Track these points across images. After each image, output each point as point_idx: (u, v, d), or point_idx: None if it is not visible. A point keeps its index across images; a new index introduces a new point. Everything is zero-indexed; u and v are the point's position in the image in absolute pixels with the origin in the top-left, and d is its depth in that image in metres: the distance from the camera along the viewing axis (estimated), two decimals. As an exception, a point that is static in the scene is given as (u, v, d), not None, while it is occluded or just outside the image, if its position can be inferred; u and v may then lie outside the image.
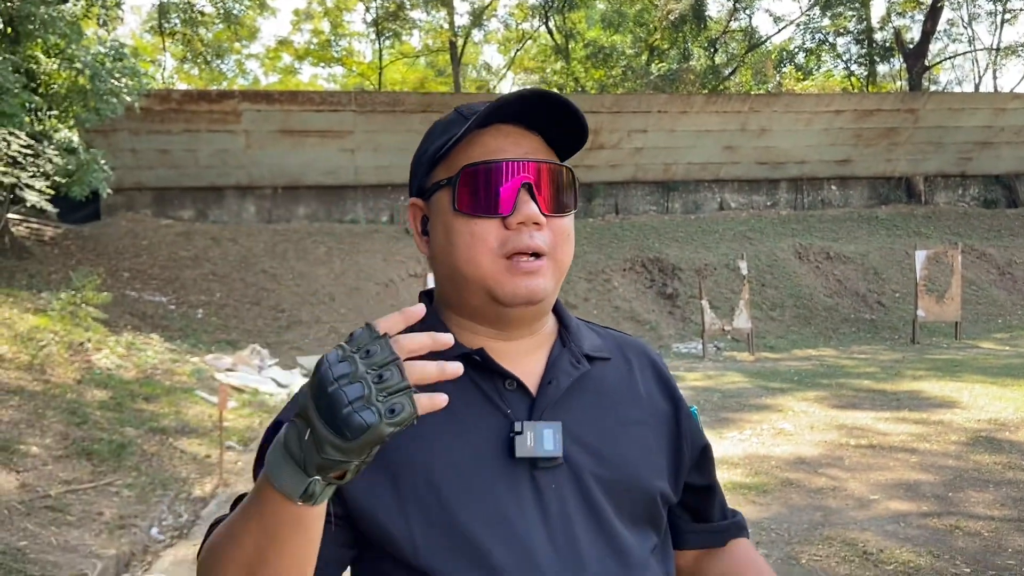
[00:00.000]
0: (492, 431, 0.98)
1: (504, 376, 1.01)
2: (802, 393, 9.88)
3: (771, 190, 22.74)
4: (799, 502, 5.51)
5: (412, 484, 0.94)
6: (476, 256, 0.98)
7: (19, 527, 4.73)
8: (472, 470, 0.96)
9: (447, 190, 1.00)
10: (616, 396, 1.08)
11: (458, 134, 0.99)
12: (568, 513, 0.97)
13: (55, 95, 11.54)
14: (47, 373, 8.08)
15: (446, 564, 0.92)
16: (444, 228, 1.01)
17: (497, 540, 0.93)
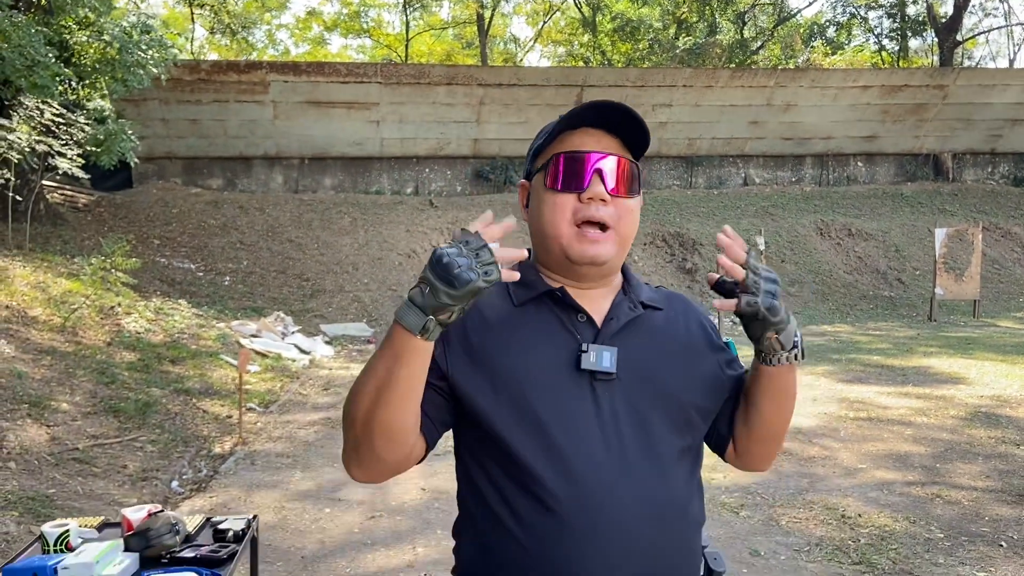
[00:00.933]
0: (565, 349, 1.30)
1: (577, 310, 1.34)
2: (811, 367, 10.01)
3: (796, 166, 22.60)
4: (788, 469, 5.70)
5: (503, 378, 1.27)
6: (557, 221, 1.32)
7: (48, 476, 5.08)
8: (547, 374, 1.27)
9: (542, 172, 1.36)
10: (662, 334, 1.39)
11: (552, 131, 1.37)
12: (617, 416, 1.27)
13: (86, 66, 11.86)
14: (79, 335, 8.46)
15: (516, 436, 1.25)
16: (537, 200, 1.37)
17: (558, 426, 1.24)
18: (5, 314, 8.19)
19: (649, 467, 1.27)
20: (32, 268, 10.00)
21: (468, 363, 1.29)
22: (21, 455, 5.25)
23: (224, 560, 2.11)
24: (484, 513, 1.28)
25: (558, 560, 1.21)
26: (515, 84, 19.38)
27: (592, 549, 1.21)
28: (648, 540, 1.25)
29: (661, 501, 1.27)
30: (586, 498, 1.22)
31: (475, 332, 1.30)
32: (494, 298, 1.34)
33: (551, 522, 1.21)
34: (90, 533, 2.00)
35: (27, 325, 8.12)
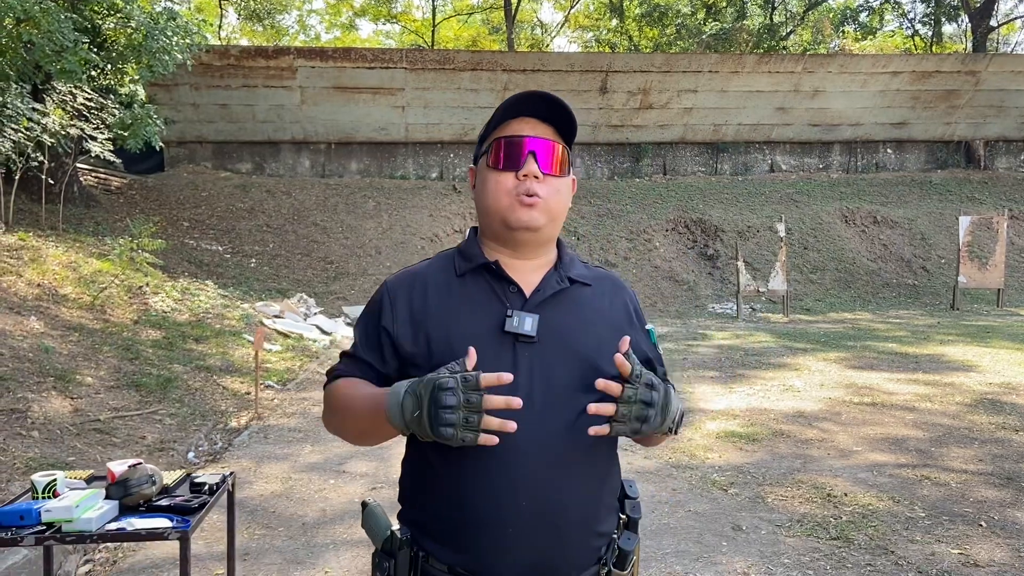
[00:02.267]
0: (493, 315, 1.47)
1: (508, 282, 1.50)
2: (824, 354, 10.05)
3: (823, 152, 22.40)
4: (784, 451, 5.81)
5: (437, 339, 1.45)
6: (500, 196, 1.49)
7: (69, 445, 5.35)
8: (476, 336, 1.42)
9: (486, 155, 1.53)
10: (586, 307, 1.55)
11: (494, 120, 1.54)
12: (532, 374, 1.42)
13: (115, 52, 12.17)
14: (107, 313, 8.77)
15: None
16: (482, 179, 1.54)
17: None
18: (37, 292, 8.53)
19: (555, 420, 1.42)
20: (64, 248, 10.35)
21: (409, 324, 1.48)
22: (45, 425, 5.53)
23: (195, 509, 2.31)
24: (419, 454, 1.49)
25: (472, 495, 1.40)
26: (539, 70, 19.44)
27: (501, 489, 1.39)
28: (547, 485, 1.41)
29: (568, 454, 1.43)
30: (507, 444, 1.35)
31: (419, 297, 1.50)
32: (437, 271, 1.54)
33: (470, 463, 1.39)
34: (78, 484, 2.21)
35: (57, 303, 8.45)
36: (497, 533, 1.40)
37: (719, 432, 6.32)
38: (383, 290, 1.57)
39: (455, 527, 1.43)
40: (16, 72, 10.31)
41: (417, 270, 1.58)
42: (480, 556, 1.41)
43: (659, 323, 14.10)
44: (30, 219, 11.62)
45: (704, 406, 7.31)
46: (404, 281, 1.56)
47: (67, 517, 2.00)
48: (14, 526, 2.08)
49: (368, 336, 1.55)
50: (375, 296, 1.59)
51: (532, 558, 1.42)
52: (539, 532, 1.42)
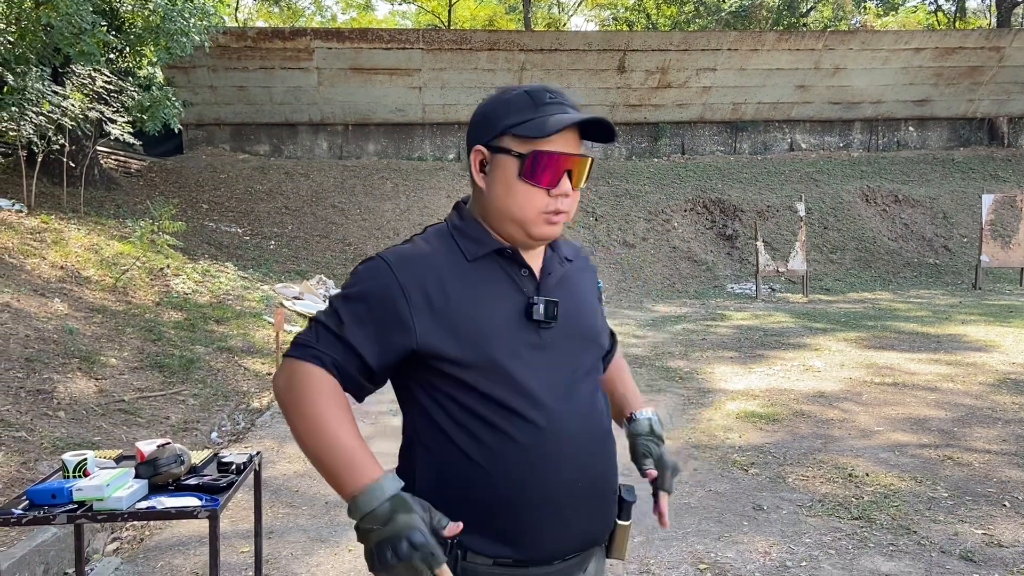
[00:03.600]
0: (513, 300, 1.47)
1: (522, 266, 1.50)
2: (844, 334, 9.99)
3: (844, 131, 22.13)
4: (804, 431, 5.79)
5: (467, 329, 1.41)
6: (528, 210, 1.45)
7: (95, 425, 5.43)
8: (503, 324, 1.44)
9: (516, 160, 1.44)
10: (579, 285, 1.61)
11: (538, 135, 1.41)
12: (559, 357, 1.47)
13: (133, 34, 12.20)
14: (129, 295, 8.86)
15: (484, 380, 1.41)
16: (506, 184, 1.46)
17: (518, 368, 1.42)
18: (60, 274, 8.62)
19: (586, 398, 1.50)
20: (86, 231, 10.45)
21: (433, 320, 1.40)
22: (71, 405, 5.61)
23: (223, 488, 2.34)
24: (445, 448, 1.43)
25: (521, 484, 1.40)
26: (557, 49, 19.30)
27: (552, 471, 1.42)
28: (590, 458, 1.49)
29: (596, 426, 1.51)
30: (546, 428, 1.41)
31: (435, 288, 1.42)
32: (446, 256, 1.47)
33: (516, 451, 1.40)
34: (107, 463, 2.24)
35: (80, 285, 8.55)
36: (553, 517, 1.43)
37: (739, 412, 6.31)
38: (390, 274, 1.43)
39: (504, 519, 1.41)
40: (36, 55, 10.36)
41: (420, 253, 1.47)
42: (534, 542, 1.43)
43: (678, 303, 14.07)
44: (52, 202, 11.72)
45: (723, 386, 7.30)
46: (414, 267, 1.44)
47: (98, 496, 2.04)
48: (46, 504, 2.12)
49: (367, 323, 1.41)
50: (376, 277, 1.44)
51: (581, 534, 1.49)
52: (588, 507, 1.49)
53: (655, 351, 9.22)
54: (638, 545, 3.85)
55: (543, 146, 1.42)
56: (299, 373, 1.39)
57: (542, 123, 1.42)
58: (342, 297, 1.45)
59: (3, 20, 10.09)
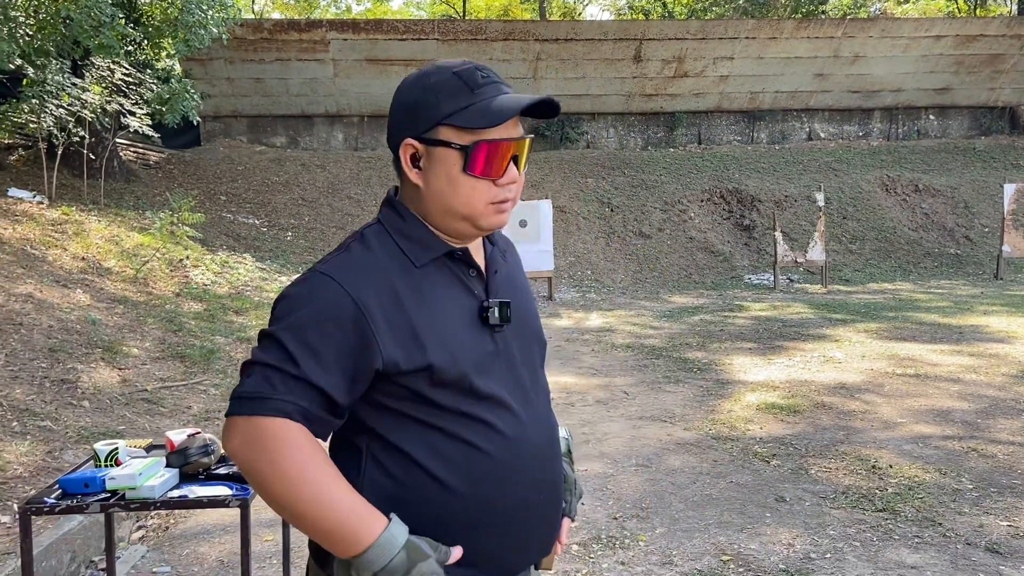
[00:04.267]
0: (468, 305, 1.35)
1: (471, 266, 1.39)
2: (864, 324, 9.92)
3: (863, 120, 21.93)
4: (826, 422, 5.76)
5: (426, 341, 1.27)
6: (475, 204, 1.32)
7: (119, 414, 5.48)
8: (460, 331, 1.32)
9: (458, 153, 1.29)
10: (516, 277, 1.52)
11: (484, 124, 1.28)
12: (514, 360, 1.39)
13: (152, 26, 12.26)
14: (149, 286, 8.93)
15: (446, 393, 1.28)
16: (448, 179, 1.31)
17: (480, 377, 1.31)
18: (82, 265, 8.69)
19: (541, 401, 1.44)
20: (106, 222, 10.53)
21: (392, 335, 1.25)
22: (95, 395, 5.66)
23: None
24: (402, 469, 1.29)
25: (495, 498, 1.31)
26: (572, 39, 19.21)
27: (523, 481, 1.35)
28: (549, 464, 1.42)
29: (551, 431, 1.45)
30: (513, 437, 1.33)
31: (389, 301, 1.28)
32: (392, 263, 1.32)
33: (488, 464, 1.30)
34: (138, 452, 2.27)
35: (102, 276, 8.62)
36: (516, 531, 1.36)
37: (759, 404, 6.29)
38: (338, 290, 1.25)
39: (468, 538, 1.29)
40: (56, 48, 10.43)
41: (365, 262, 1.31)
42: (496, 560, 1.34)
43: (695, 294, 14.02)
44: (72, 194, 11.81)
45: (743, 377, 7.27)
46: (362, 278, 1.27)
47: (131, 485, 2.06)
48: (79, 493, 2.14)
49: (325, 353, 1.22)
50: (323, 297, 1.24)
51: (538, 547, 1.42)
52: (546, 518, 1.42)
53: (672, 342, 9.20)
54: (660, 536, 3.85)
55: (487, 135, 1.29)
56: (265, 433, 1.18)
57: (484, 110, 1.29)
58: (284, 329, 1.23)
59: (23, 13, 10.15)
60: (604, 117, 21.06)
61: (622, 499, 4.36)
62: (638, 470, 4.85)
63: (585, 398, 6.74)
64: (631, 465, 4.94)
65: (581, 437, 5.55)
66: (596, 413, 6.24)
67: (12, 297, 6.94)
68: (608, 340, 9.54)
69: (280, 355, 1.21)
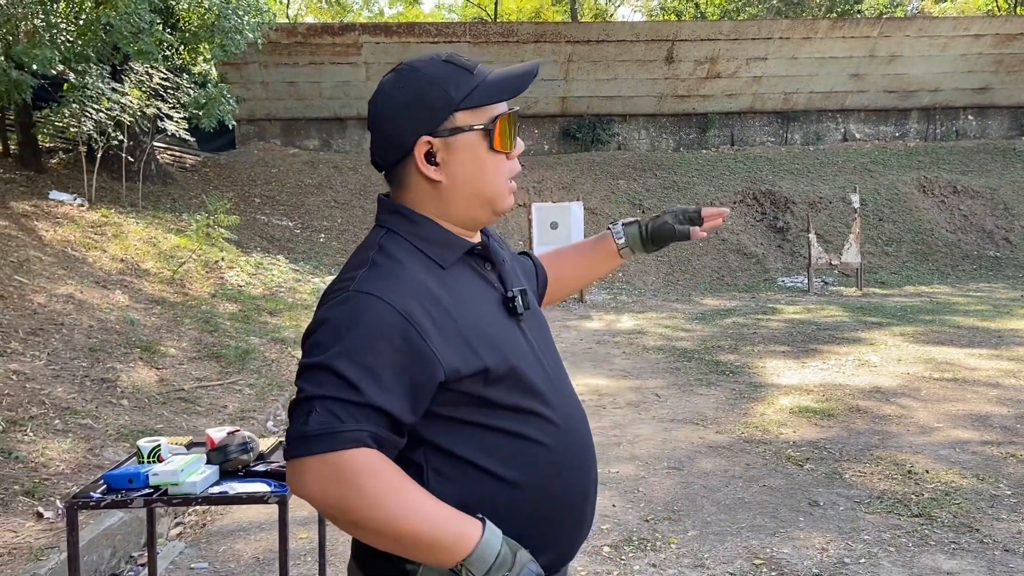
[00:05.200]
0: (494, 298, 1.35)
1: (487, 260, 1.39)
2: (900, 328, 9.78)
3: (900, 120, 21.61)
4: (861, 427, 5.69)
5: (475, 341, 1.25)
6: (499, 183, 1.33)
7: (156, 413, 5.58)
8: (497, 325, 1.31)
9: (482, 134, 1.30)
10: (511, 261, 1.52)
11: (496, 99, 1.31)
12: (536, 347, 1.38)
13: (189, 32, 12.48)
14: (186, 287, 9.08)
15: (501, 389, 1.27)
16: (476, 162, 1.30)
17: (527, 369, 1.31)
18: (120, 267, 8.87)
19: (569, 384, 1.43)
20: (144, 224, 10.73)
21: (445, 342, 1.22)
22: (133, 394, 5.78)
23: (292, 474, 2.40)
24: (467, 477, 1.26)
25: (561, 488, 1.32)
26: (604, 40, 19.18)
27: (580, 467, 1.37)
28: (591, 445, 1.43)
29: (582, 409, 1.45)
30: (565, 426, 1.34)
31: (433, 308, 1.24)
32: (422, 267, 1.29)
33: (547, 456, 1.30)
34: (179, 449, 2.32)
35: (140, 277, 8.78)
36: (579, 518, 1.38)
37: (792, 407, 6.23)
38: (385, 307, 1.19)
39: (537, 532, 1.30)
40: (96, 53, 10.65)
41: (399, 273, 1.25)
42: (559, 550, 1.35)
43: (727, 296, 13.91)
44: (111, 196, 12.04)
45: (776, 381, 7.21)
46: (404, 290, 1.22)
47: (173, 481, 2.11)
48: (123, 489, 2.20)
49: (385, 375, 1.17)
50: (370, 316, 1.18)
51: (587, 532, 1.43)
52: (594, 502, 1.43)
53: (704, 345, 9.14)
54: (691, 539, 3.84)
55: (498, 110, 1.32)
56: (345, 467, 1.13)
57: (495, 85, 1.31)
58: (335, 356, 1.16)
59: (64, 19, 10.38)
60: (636, 119, 20.99)
61: (653, 501, 4.35)
62: (670, 473, 4.83)
63: (616, 400, 6.73)
64: (663, 468, 4.93)
65: (612, 439, 5.55)
66: (627, 415, 6.23)
67: (54, 298, 7.11)
68: (639, 342, 9.51)
69: (338, 384, 1.14)
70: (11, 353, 5.75)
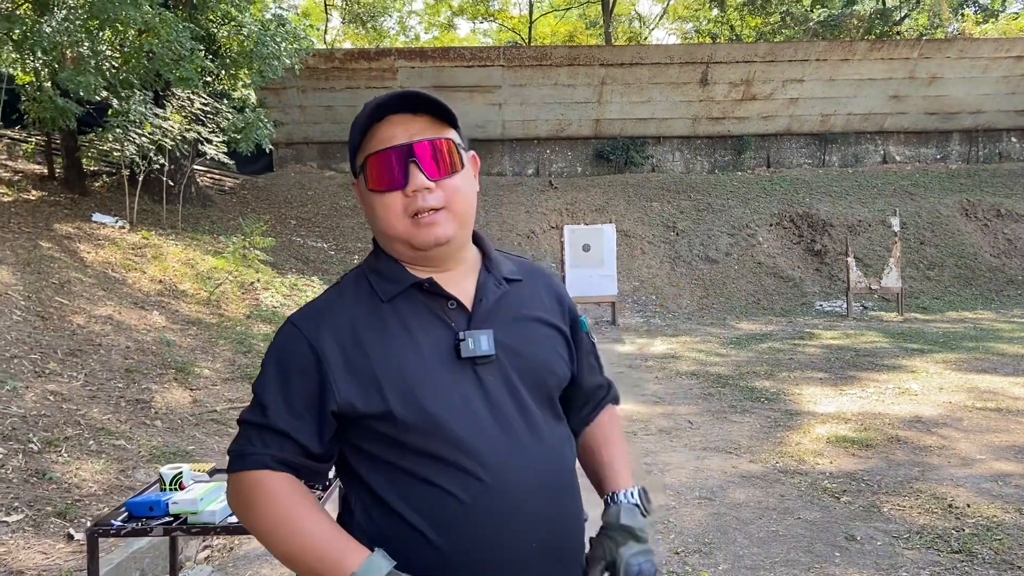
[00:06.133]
0: (441, 339, 1.28)
1: (447, 298, 1.32)
2: (942, 355, 9.55)
3: (941, 142, 21.26)
4: (900, 458, 5.54)
5: (391, 382, 1.24)
6: (391, 221, 1.30)
7: (188, 434, 5.63)
8: (431, 369, 1.26)
9: (362, 176, 1.33)
10: (527, 307, 1.41)
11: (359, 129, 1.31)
12: (501, 396, 1.29)
13: (228, 59, 12.74)
14: (222, 308, 9.19)
15: (414, 437, 1.24)
16: (367, 203, 1.33)
17: (453, 419, 1.24)
18: (159, 288, 9.02)
19: (536, 442, 1.30)
20: (183, 246, 10.91)
21: (350, 375, 1.25)
22: (167, 415, 5.84)
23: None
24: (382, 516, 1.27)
25: (468, 547, 1.23)
26: (637, 63, 19.19)
27: (501, 530, 1.25)
28: (546, 512, 1.30)
29: (554, 476, 1.32)
30: (491, 483, 1.24)
31: (348, 339, 1.27)
32: (360, 300, 1.32)
33: (460, 511, 1.23)
34: (201, 476, 2.31)
35: (177, 298, 8.92)
36: None
37: (829, 436, 6.09)
38: (298, 336, 1.27)
39: None
40: (139, 80, 10.91)
41: (330, 304, 1.32)
42: None
43: (763, 321, 13.71)
44: (152, 218, 12.27)
45: (812, 408, 7.06)
46: (323, 321, 1.29)
47: (192, 509, 2.11)
48: (144, 516, 2.21)
49: (289, 401, 1.25)
50: (284, 343, 1.29)
51: None
52: (545, 569, 1.31)
53: (739, 370, 9.01)
54: (723, 573, 3.75)
55: (372, 148, 1.29)
56: (245, 486, 1.24)
57: (362, 122, 1.31)
58: (258, 382, 1.29)
59: (110, 47, 10.66)
60: (669, 140, 20.92)
61: (684, 533, 4.27)
62: (701, 503, 4.74)
63: (648, 427, 6.64)
64: (694, 498, 4.84)
65: (643, 468, 5.46)
66: (659, 443, 6.14)
67: (93, 319, 7.23)
68: (672, 367, 9.40)
69: (254, 409, 1.27)
70: (49, 374, 5.86)
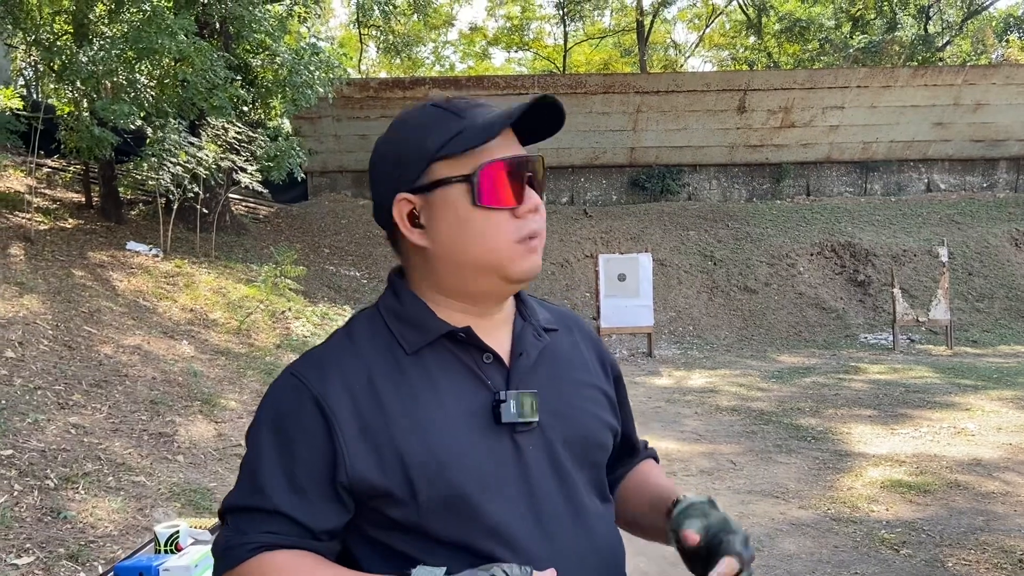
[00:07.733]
0: (476, 400, 1.08)
1: (483, 350, 1.11)
2: (998, 392, 9.08)
3: (988, 170, 20.69)
4: (962, 505, 5.17)
5: (412, 454, 1.03)
6: (498, 242, 1.08)
7: (211, 470, 5.45)
8: (462, 436, 1.05)
9: (462, 186, 1.07)
10: (568, 363, 1.21)
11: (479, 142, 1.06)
12: (543, 471, 1.09)
13: (263, 88, 12.79)
14: (251, 337, 9.08)
15: (439, 522, 1.03)
16: (459, 221, 1.08)
17: (487, 500, 1.04)
18: (189, 316, 8.93)
19: (581, 531, 1.11)
20: (215, 274, 10.86)
21: (368, 447, 1.04)
22: (189, 449, 5.67)
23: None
24: None
25: None
26: (673, 91, 18.99)
27: None
28: None
29: (598, 557, 1.13)
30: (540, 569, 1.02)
31: (366, 399, 1.06)
32: (377, 352, 1.10)
33: None
34: (202, 534, 2.10)
35: (207, 327, 8.82)
36: None
37: (883, 480, 5.73)
38: (303, 391, 1.06)
39: None
40: (175, 109, 10.96)
41: (339, 354, 1.10)
42: None
43: (805, 353, 13.28)
44: (186, 247, 12.28)
45: (863, 449, 6.69)
46: (332, 373, 1.07)
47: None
48: (136, 581, 1.99)
49: (292, 472, 1.04)
50: (283, 399, 1.08)
51: None
52: None
53: (782, 406, 8.64)
54: (776, 636, 3.44)
55: (490, 155, 1.07)
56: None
57: (478, 127, 1.07)
58: (250, 448, 1.08)
59: (146, 76, 10.73)
60: (706, 168, 20.63)
61: (731, 588, 3.95)
62: (748, 553, 4.42)
63: (688, 467, 6.32)
64: (740, 547, 4.52)
65: (684, 512, 5.15)
66: (700, 484, 5.82)
67: (121, 349, 7.14)
68: (712, 402, 9.06)
69: (246, 488, 1.06)
70: (73, 405, 5.74)
